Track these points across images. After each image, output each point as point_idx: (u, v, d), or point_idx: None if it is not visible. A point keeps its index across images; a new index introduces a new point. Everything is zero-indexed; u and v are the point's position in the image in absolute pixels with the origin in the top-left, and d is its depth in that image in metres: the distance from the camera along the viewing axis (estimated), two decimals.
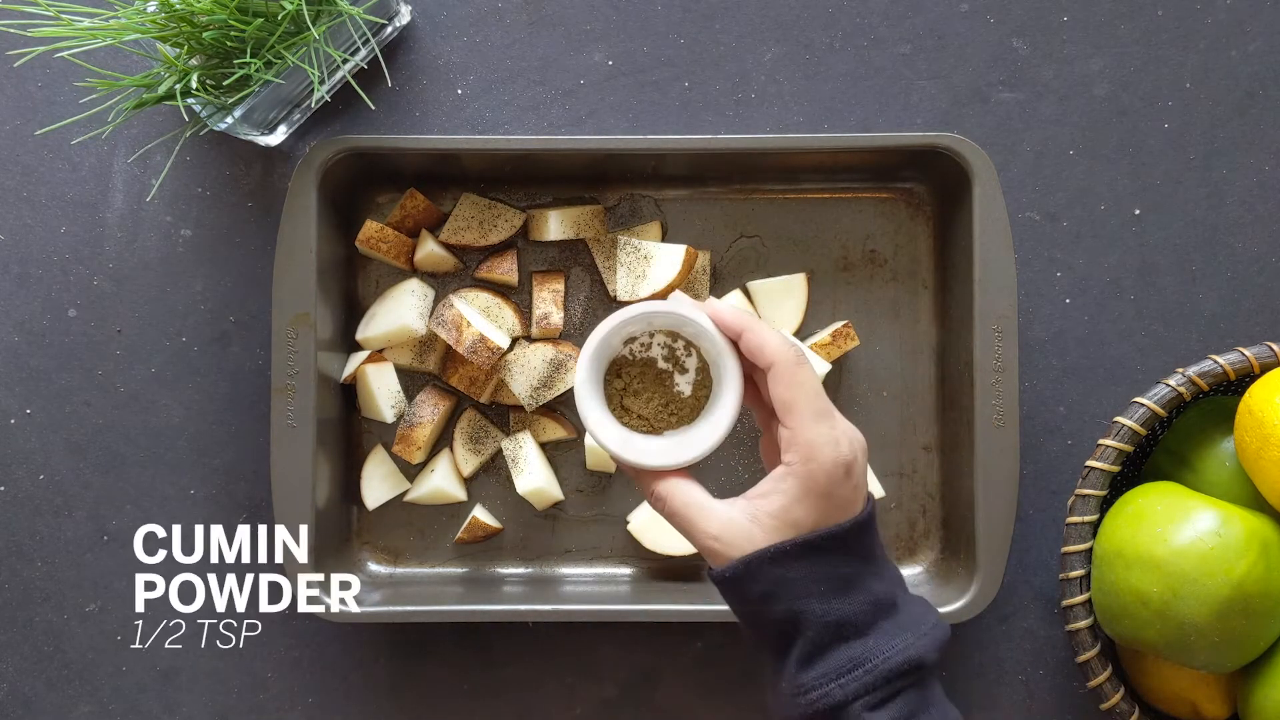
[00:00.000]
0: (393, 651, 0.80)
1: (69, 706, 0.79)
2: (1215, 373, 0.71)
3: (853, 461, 0.55)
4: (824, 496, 0.55)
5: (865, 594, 0.55)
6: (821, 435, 0.54)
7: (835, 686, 0.54)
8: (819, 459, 0.54)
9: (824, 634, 0.55)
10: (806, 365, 0.56)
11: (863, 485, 0.57)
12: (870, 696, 0.54)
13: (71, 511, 0.80)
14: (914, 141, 0.76)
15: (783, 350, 0.56)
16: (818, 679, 0.54)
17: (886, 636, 0.55)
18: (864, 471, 0.57)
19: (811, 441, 0.54)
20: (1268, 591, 0.65)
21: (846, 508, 0.55)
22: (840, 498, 0.55)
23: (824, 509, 0.55)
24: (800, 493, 0.55)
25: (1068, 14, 0.80)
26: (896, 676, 0.54)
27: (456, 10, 0.81)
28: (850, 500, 0.55)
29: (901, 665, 0.54)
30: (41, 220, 0.80)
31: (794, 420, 0.55)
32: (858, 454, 0.56)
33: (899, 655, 0.54)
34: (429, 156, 0.77)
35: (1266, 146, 0.80)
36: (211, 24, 0.67)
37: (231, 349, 0.80)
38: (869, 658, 0.54)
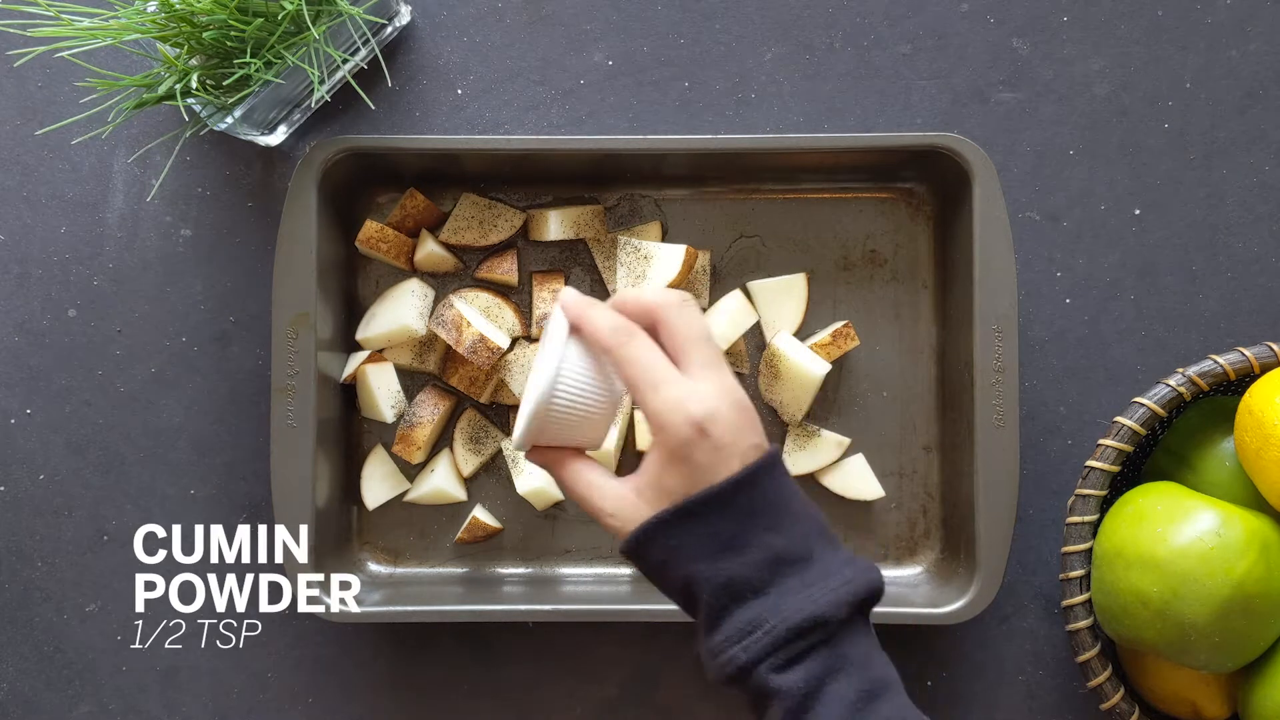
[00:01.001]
0: (393, 651, 0.80)
1: (69, 706, 0.79)
2: (1215, 373, 0.71)
3: (705, 421, 0.53)
4: (684, 461, 0.54)
5: (759, 551, 0.54)
6: (664, 403, 0.54)
7: (738, 650, 0.53)
8: (666, 427, 0.54)
9: (719, 596, 0.54)
10: (630, 344, 0.55)
11: (731, 442, 0.54)
12: (774, 658, 0.53)
13: (71, 511, 0.80)
14: (914, 141, 0.76)
15: (604, 335, 0.55)
16: (722, 643, 0.54)
17: (787, 594, 0.53)
18: (735, 426, 0.54)
19: (656, 411, 0.54)
20: (1268, 591, 0.65)
21: (714, 468, 0.54)
22: (700, 461, 0.54)
23: (688, 473, 0.54)
24: (664, 461, 0.54)
25: (1068, 14, 0.80)
26: (798, 635, 0.53)
27: (456, 10, 0.81)
28: (714, 461, 0.54)
29: (802, 623, 0.53)
30: (41, 220, 0.80)
31: (638, 397, 0.55)
32: (717, 412, 0.54)
33: (799, 614, 0.53)
34: (429, 156, 0.77)
35: (1266, 146, 0.80)
36: (211, 24, 0.67)
37: (231, 349, 0.80)
38: (767, 618, 0.53)
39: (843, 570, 0.55)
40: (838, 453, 0.79)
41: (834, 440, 0.78)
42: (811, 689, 0.52)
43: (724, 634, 0.54)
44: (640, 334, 0.56)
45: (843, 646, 0.54)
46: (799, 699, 0.52)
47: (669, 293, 0.57)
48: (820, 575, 0.54)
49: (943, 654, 0.79)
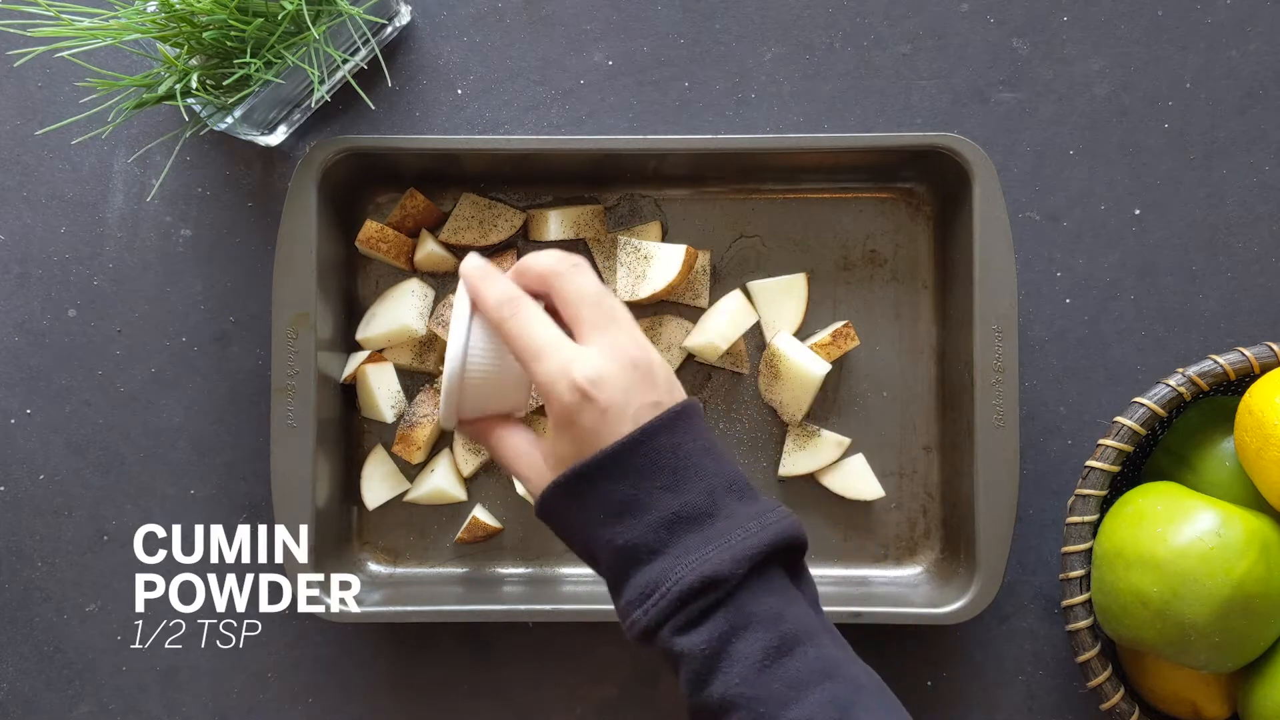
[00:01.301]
0: (393, 651, 0.80)
1: (69, 706, 0.79)
2: (1215, 373, 0.71)
3: (587, 385, 0.52)
4: (571, 427, 0.53)
5: (654, 513, 0.52)
6: (547, 372, 0.53)
7: (640, 613, 0.52)
8: (550, 395, 0.53)
9: (616, 561, 0.53)
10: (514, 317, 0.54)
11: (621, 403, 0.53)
12: (674, 620, 0.51)
13: (71, 511, 0.80)
14: (914, 141, 0.76)
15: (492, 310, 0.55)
16: (626, 607, 0.53)
17: (682, 553, 0.52)
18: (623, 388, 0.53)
19: (540, 381, 0.53)
20: (1268, 591, 0.65)
21: (603, 431, 0.53)
22: (586, 425, 0.53)
23: (579, 439, 0.53)
24: (555, 429, 0.54)
25: (1068, 14, 0.80)
26: (693, 596, 0.51)
27: (456, 10, 0.81)
28: (601, 425, 0.52)
29: (696, 584, 0.51)
30: (41, 220, 0.80)
31: (526, 369, 0.54)
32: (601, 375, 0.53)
33: (693, 574, 0.51)
34: (429, 156, 0.77)
35: (1266, 146, 0.80)
36: (211, 24, 0.67)
37: (231, 349, 0.80)
38: (663, 580, 0.52)
39: (746, 524, 0.53)
40: (838, 453, 0.79)
41: (834, 440, 0.78)
42: (714, 650, 0.51)
43: (625, 598, 0.53)
44: (526, 304, 0.55)
45: (746, 603, 0.52)
46: (702, 660, 0.51)
47: (557, 258, 0.56)
48: (721, 531, 0.52)
49: (943, 654, 0.79)
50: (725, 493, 0.54)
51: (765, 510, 0.54)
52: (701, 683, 0.51)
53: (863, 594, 0.77)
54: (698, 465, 0.54)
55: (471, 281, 0.56)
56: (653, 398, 0.54)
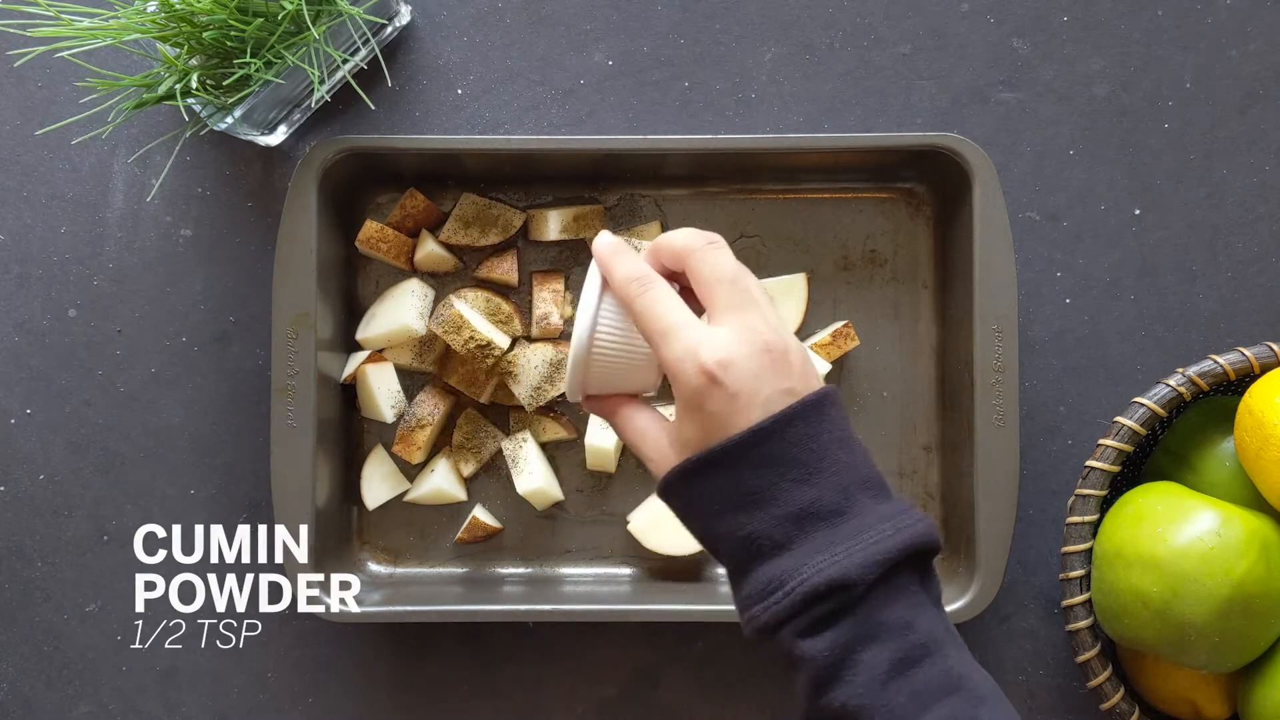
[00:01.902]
0: (393, 651, 0.80)
1: (69, 706, 0.79)
2: (1215, 373, 0.71)
3: (715, 368, 0.50)
4: (697, 411, 0.51)
5: (783, 505, 0.50)
6: (674, 352, 0.51)
7: (760, 609, 0.50)
8: (678, 376, 0.51)
9: (739, 552, 0.51)
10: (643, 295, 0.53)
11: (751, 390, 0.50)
12: (796, 622, 0.49)
13: (71, 511, 0.80)
14: (914, 141, 0.76)
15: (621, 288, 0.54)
16: (746, 600, 0.51)
17: (810, 552, 0.49)
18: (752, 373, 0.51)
19: (667, 361, 0.52)
20: (1268, 591, 0.65)
21: (733, 417, 0.50)
22: (714, 410, 0.50)
23: (705, 424, 0.51)
24: (681, 411, 0.52)
25: (1068, 14, 0.80)
26: (819, 599, 0.48)
27: (456, 10, 0.81)
28: (731, 410, 0.50)
29: (821, 586, 0.48)
30: (41, 220, 0.80)
31: (654, 348, 0.53)
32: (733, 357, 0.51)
33: (820, 575, 0.48)
34: (429, 156, 0.77)
35: (1266, 146, 0.80)
36: (211, 24, 0.67)
37: (231, 349, 0.80)
38: (787, 578, 0.49)
39: (879, 525, 0.50)
40: None
41: None
42: (838, 657, 0.49)
43: (746, 591, 0.51)
44: (656, 283, 0.53)
45: (875, 610, 0.49)
46: (824, 668, 0.49)
47: (693, 234, 0.54)
48: (852, 531, 0.50)
49: None
50: (859, 489, 0.51)
51: (899, 511, 0.51)
52: (821, 689, 0.49)
53: None
54: (832, 458, 0.51)
55: (603, 257, 0.55)
56: (785, 384, 0.51)
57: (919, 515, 0.52)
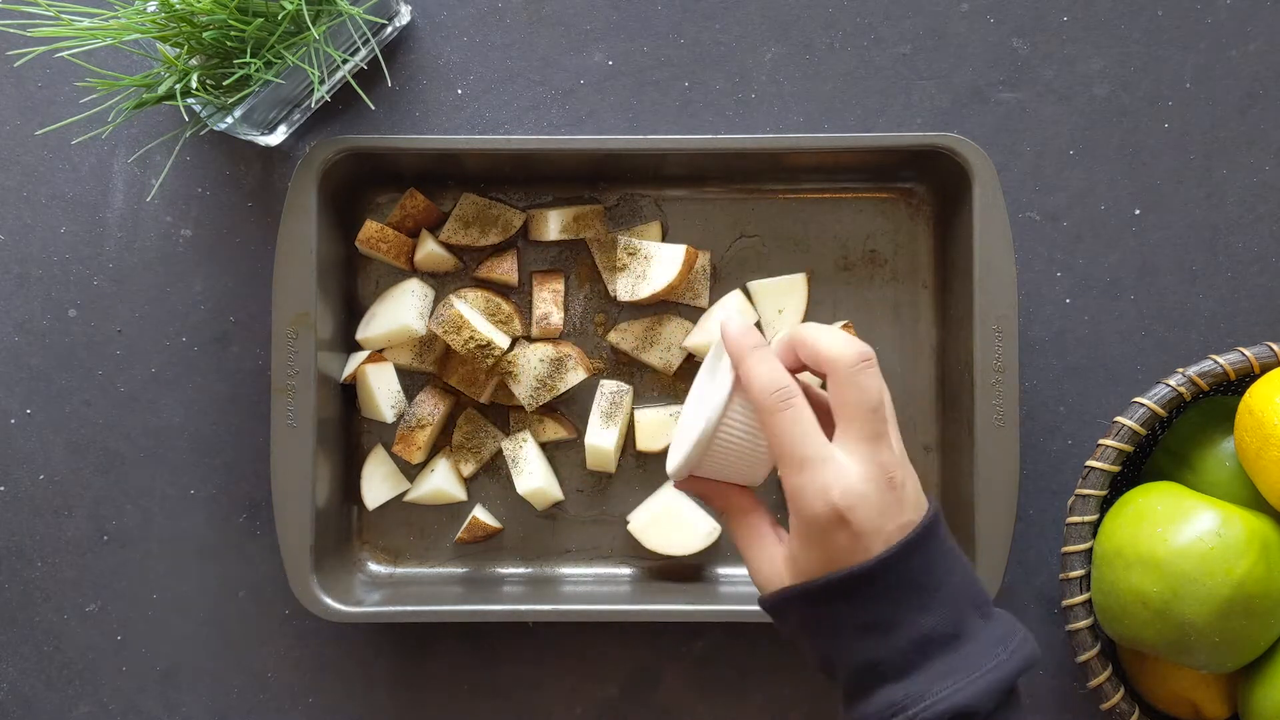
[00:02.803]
0: (393, 651, 0.80)
1: (69, 706, 0.79)
2: (1215, 373, 0.71)
3: (845, 510, 0.51)
4: (820, 545, 0.52)
5: (905, 632, 0.51)
6: (807, 484, 0.52)
7: None
8: (802, 510, 0.52)
9: (858, 675, 0.52)
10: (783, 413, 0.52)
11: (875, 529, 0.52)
12: None
13: (71, 511, 0.80)
14: (914, 141, 0.76)
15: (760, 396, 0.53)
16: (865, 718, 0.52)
17: (933, 679, 0.51)
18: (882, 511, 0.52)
19: (797, 489, 0.52)
20: (1268, 591, 0.65)
21: (854, 553, 0.52)
22: (839, 545, 0.52)
23: (824, 557, 0.52)
24: (800, 540, 0.53)
25: (1068, 14, 0.80)
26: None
27: (456, 10, 0.81)
28: (854, 548, 0.52)
29: (947, 713, 0.50)
30: (41, 220, 0.80)
31: (781, 468, 0.53)
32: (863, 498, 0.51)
33: (943, 703, 0.50)
34: (429, 156, 0.77)
35: (1266, 146, 0.80)
36: (211, 24, 0.67)
37: (231, 349, 0.80)
38: (910, 704, 0.50)
39: (994, 650, 0.52)
40: None
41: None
42: None
43: (862, 712, 0.52)
44: (797, 400, 0.53)
45: None
46: None
47: (849, 350, 0.53)
48: (970, 658, 0.51)
49: None
50: (971, 611, 0.53)
51: (1009, 634, 0.53)
52: None
53: None
54: (945, 583, 0.53)
55: (738, 354, 0.54)
56: (904, 519, 0.53)
57: (1025, 635, 0.54)
